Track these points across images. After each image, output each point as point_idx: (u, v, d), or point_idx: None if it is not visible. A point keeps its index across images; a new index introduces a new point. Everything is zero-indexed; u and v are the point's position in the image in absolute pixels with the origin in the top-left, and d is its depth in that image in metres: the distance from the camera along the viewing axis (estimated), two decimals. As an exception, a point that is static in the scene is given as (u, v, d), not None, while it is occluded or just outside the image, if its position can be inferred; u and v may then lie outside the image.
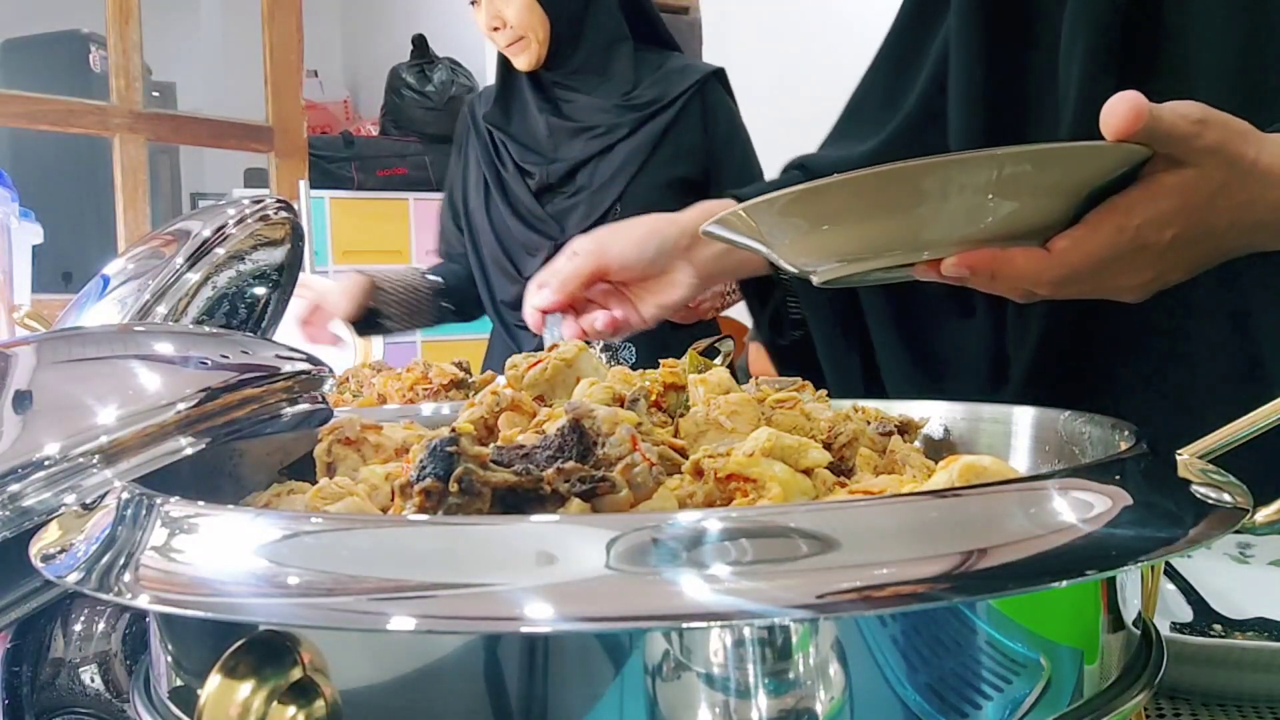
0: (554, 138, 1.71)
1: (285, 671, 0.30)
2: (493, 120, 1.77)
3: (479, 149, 1.79)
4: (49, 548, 0.37)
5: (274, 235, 0.67)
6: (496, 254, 1.73)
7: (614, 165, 1.66)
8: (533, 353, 0.59)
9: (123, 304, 0.62)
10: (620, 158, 1.66)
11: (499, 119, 1.77)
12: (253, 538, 0.31)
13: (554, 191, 1.70)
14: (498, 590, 0.28)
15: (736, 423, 0.50)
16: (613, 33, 1.71)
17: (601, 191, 1.66)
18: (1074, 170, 0.57)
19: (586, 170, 1.68)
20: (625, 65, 1.71)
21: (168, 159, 4.53)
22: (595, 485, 0.38)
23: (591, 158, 1.67)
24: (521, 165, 1.72)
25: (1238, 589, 0.69)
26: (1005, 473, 0.41)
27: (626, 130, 1.67)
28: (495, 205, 1.74)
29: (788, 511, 0.30)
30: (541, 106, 1.72)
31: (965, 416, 0.60)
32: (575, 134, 1.70)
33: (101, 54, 3.23)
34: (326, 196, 4.36)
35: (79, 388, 0.46)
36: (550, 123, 1.71)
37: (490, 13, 1.65)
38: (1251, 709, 0.57)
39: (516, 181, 1.72)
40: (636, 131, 1.66)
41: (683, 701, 0.30)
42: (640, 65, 1.71)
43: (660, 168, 1.66)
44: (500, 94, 1.78)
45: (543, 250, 1.65)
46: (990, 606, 0.33)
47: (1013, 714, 0.33)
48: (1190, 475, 0.38)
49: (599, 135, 1.68)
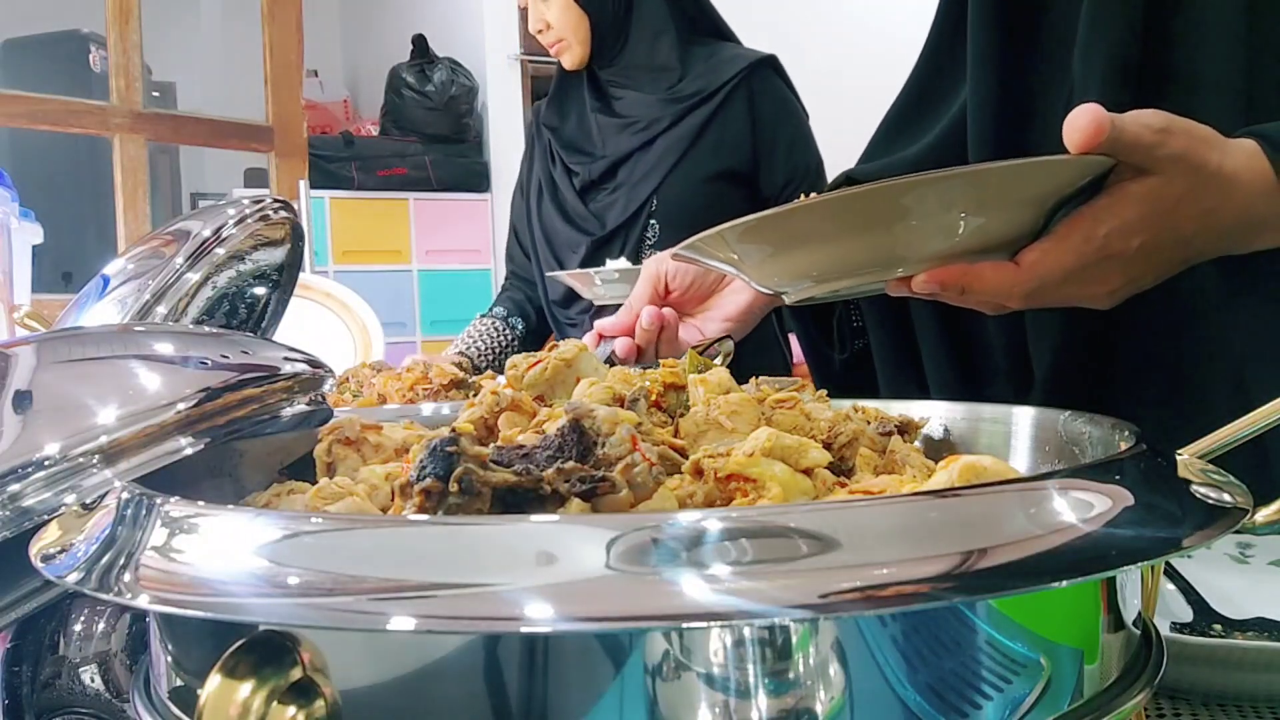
0: (602, 134, 1.70)
1: (285, 671, 0.30)
2: (548, 122, 1.77)
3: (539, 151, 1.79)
4: (49, 548, 0.37)
5: (274, 235, 0.67)
6: (546, 254, 1.73)
7: (652, 159, 1.64)
8: (532, 353, 0.59)
9: (123, 304, 0.62)
10: (659, 151, 1.63)
11: (554, 120, 1.76)
12: (253, 538, 0.31)
13: (596, 188, 1.69)
14: (498, 590, 0.28)
15: (736, 423, 0.50)
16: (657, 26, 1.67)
17: (638, 186, 1.64)
18: (1039, 183, 0.58)
19: (627, 165, 1.66)
20: (670, 57, 1.67)
21: (168, 159, 4.53)
22: (595, 485, 0.38)
23: (633, 152, 1.65)
24: (569, 164, 1.72)
25: (1238, 589, 0.69)
26: (1005, 473, 0.41)
27: (668, 122, 1.63)
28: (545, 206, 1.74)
29: (788, 511, 0.30)
30: (594, 105, 1.71)
31: (965, 416, 0.60)
32: (621, 129, 1.68)
33: (101, 54, 3.23)
34: (326, 196, 4.36)
35: (79, 388, 0.46)
36: (600, 120, 1.70)
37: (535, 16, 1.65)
38: (1251, 709, 0.57)
39: (564, 180, 1.72)
40: (678, 124, 1.63)
41: (683, 701, 0.30)
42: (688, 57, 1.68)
43: (701, 160, 1.62)
44: (555, 95, 1.78)
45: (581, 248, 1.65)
46: (990, 606, 0.33)
47: (1013, 714, 0.33)
48: (1190, 475, 0.38)
49: (641, 129, 1.65)
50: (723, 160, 1.63)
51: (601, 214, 1.67)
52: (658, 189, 1.61)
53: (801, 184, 1.64)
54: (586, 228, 1.67)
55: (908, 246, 0.59)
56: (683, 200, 1.61)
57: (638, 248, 1.63)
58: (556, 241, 1.72)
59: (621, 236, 1.63)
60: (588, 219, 1.67)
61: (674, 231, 1.59)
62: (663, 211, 1.61)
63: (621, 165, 1.66)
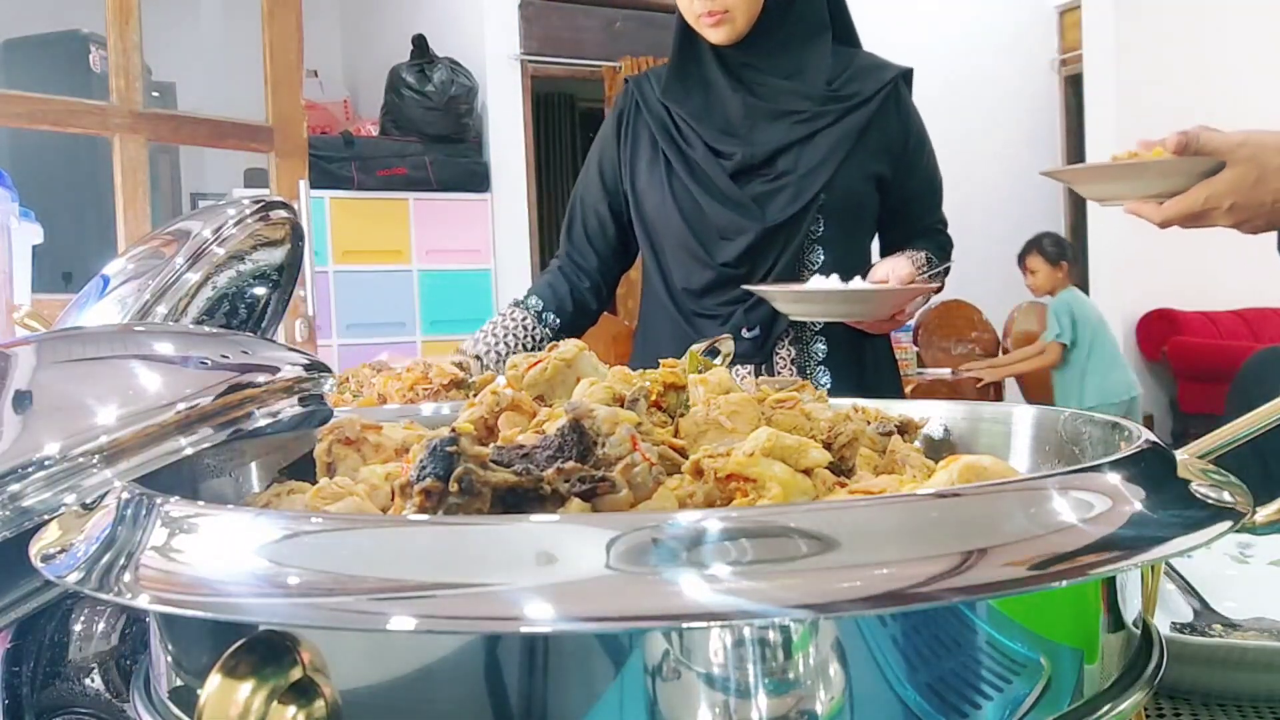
0: (750, 119, 1.62)
1: (285, 671, 0.30)
2: (672, 97, 1.67)
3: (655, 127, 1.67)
4: (49, 548, 0.37)
5: (274, 235, 0.67)
6: (685, 237, 1.62)
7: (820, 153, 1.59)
8: (532, 353, 0.59)
9: (123, 304, 0.62)
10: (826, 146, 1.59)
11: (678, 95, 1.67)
12: (253, 538, 0.31)
13: (751, 175, 1.61)
14: (498, 590, 0.28)
15: (736, 423, 0.50)
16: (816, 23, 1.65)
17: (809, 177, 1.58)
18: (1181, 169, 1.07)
19: (789, 155, 1.59)
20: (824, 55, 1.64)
21: (168, 159, 4.53)
22: (595, 485, 0.38)
23: (794, 143, 1.59)
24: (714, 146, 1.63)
25: (1238, 589, 0.69)
26: (1005, 473, 0.41)
27: (831, 119, 1.60)
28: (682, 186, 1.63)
29: (788, 511, 0.30)
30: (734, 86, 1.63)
31: (965, 416, 0.60)
32: (776, 117, 1.61)
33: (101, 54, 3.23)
34: (326, 196, 4.36)
35: (79, 388, 0.46)
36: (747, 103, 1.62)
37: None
38: (1251, 709, 0.57)
39: (709, 162, 1.62)
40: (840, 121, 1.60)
41: (683, 701, 0.30)
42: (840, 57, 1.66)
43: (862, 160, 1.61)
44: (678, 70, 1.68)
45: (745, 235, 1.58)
46: (990, 606, 0.33)
47: (1013, 714, 0.33)
48: (1190, 475, 0.38)
49: (803, 120, 1.60)
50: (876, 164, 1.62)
51: (762, 201, 1.59)
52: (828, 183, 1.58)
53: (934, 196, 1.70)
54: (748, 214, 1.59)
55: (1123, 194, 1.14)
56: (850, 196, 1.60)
57: (803, 242, 1.60)
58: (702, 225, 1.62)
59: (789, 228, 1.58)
60: (746, 205, 1.59)
61: (837, 227, 1.59)
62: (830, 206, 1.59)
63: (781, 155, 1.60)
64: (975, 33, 5.85)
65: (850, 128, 1.60)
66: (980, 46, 5.84)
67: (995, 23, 5.95)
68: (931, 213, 1.70)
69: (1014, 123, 6.00)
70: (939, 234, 1.71)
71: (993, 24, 5.94)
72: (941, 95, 4.52)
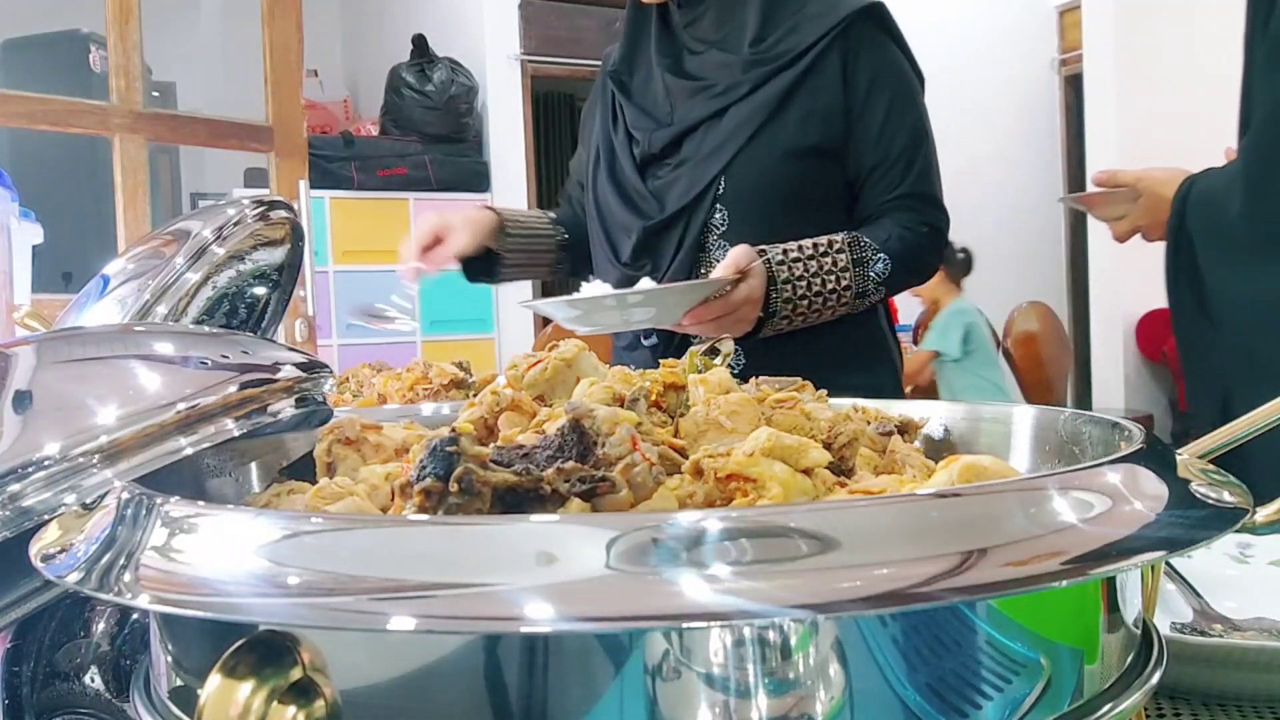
0: (671, 96, 1.40)
1: (285, 671, 0.30)
2: (616, 73, 1.48)
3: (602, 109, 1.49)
4: (49, 548, 0.37)
5: (274, 235, 0.67)
6: (599, 234, 1.47)
7: (723, 132, 1.35)
8: (532, 353, 0.59)
9: (123, 304, 0.62)
10: (732, 122, 1.35)
11: (623, 72, 1.47)
12: (253, 538, 0.31)
13: (658, 162, 1.40)
14: (498, 590, 0.28)
15: (736, 423, 0.50)
16: None
17: (704, 163, 1.35)
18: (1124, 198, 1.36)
19: (695, 138, 1.37)
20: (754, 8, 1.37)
21: (168, 159, 4.53)
22: (595, 485, 0.38)
23: (702, 122, 1.37)
24: (631, 131, 1.43)
25: (1238, 589, 0.69)
26: (1005, 473, 0.41)
27: (747, 88, 1.34)
28: (601, 179, 1.46)
29: (788, 511, 0.30)
30: (661, 60, 1.42)
31: (965, 416, 0.60)
32: (693, 93, 1.39)
33: (101, 54, 3.23)
34: (326, 196, 4.36)
35: (79, 388, 0.46)
36: (667, 80, 1.41)
37: None
38: (1251, 709, 0.57)
39: (624, 151, 1.43)
40: (757, 90, 1.34)
41: (683, 701, 0.30)
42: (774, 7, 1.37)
43: (781, 134, 1.33)
44: (628, 39, 1.48)
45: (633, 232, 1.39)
46: (990, 606, 0.33)
47: (1013, 714, 0.33)
48: (1190, 475, 0.38)
49: (716, 95, 1.36)
50: (809, 135, 1.33)
51: (661, 194, 1.39)
52: (727, 167, 1.33)
53: (895, 166, 1.36)
54: (644, 209, 1.39)
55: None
56: (756, 182, 1.34)
57: (701, 237, 1.35)
58: (610, 221, 1.44)
59: (682, 222, 1.35)
60: (646, 199, 1.39)
61: (746, 219, 1.34)
62: (732, 195, 1.34)
63: (688, 137, 1.37)
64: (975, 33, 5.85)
65: (766, 98, 1.34)
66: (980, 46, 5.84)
67: (995, 23, 5.95)
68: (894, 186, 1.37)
69: (1013, 122, 6.00)
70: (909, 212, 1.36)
71: (993, 24, 5.94)
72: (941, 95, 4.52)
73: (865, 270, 1.31)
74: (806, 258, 1.28)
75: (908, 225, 1.35)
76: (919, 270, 1.40)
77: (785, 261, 1.27)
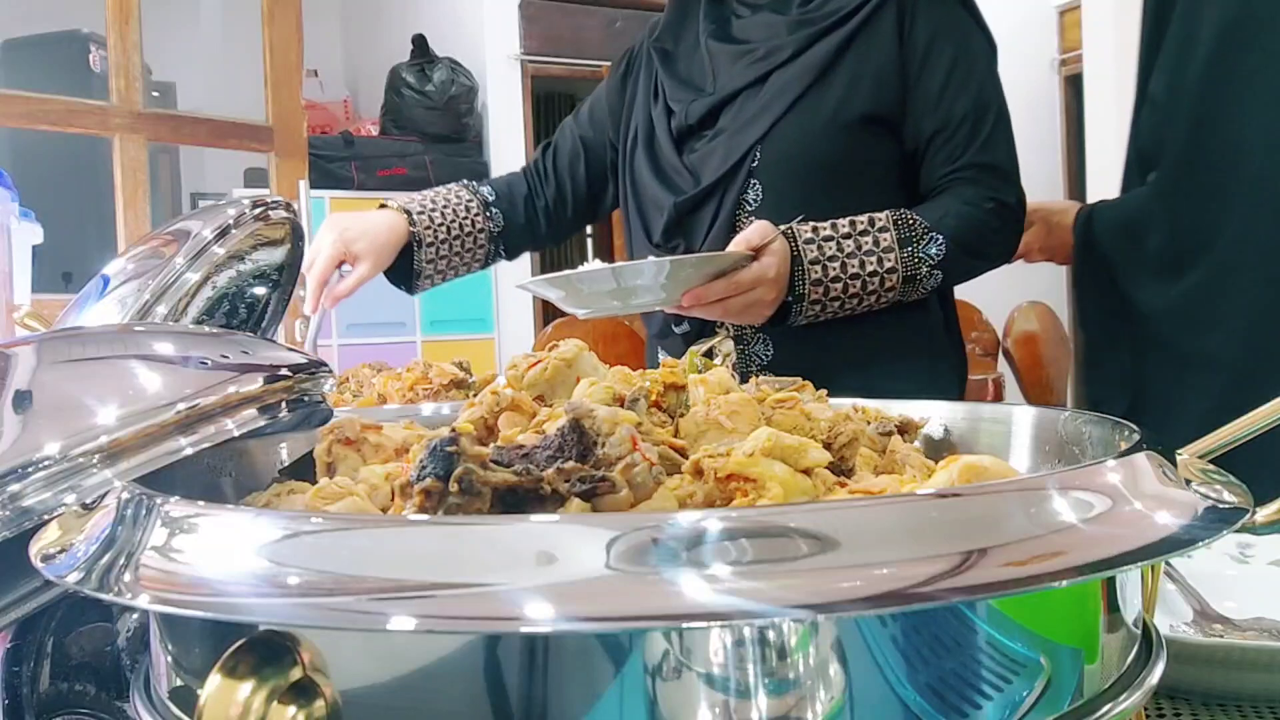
0: (714, 64, 1.29)
1: (285, 671, 0.30)
2: (659, 41, 1.37)
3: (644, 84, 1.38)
4: (49, 548, 0.37)
5: (274, 235, 0.67)
6: (634, 213, 1.35)
7: (762, 100, 1.23)
8: (532, 354, 0.59)
9: (123, 304, 0.62)
10: (772, 90, 1.22)
11: (666, 40, 1.37)
12: (253, 538, 0.31)
13: (696, 135, 1.29)
14: (498, 590, 0.28)
15: (736, 423, 0.50)
16: None
17: (740, 134, 1.23)
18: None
19: (733, 107, 1.25)
20: None
21: (168, 159, 4.53)
22: (595, 485, 0.38)
23: (742, 90, 1.25)
24: (670, 103, 1.32)
25: (1238, 589, 0.69)
26: (1005, 473, 0.41)
27: (789, 52, 1.22)
28: (638, 155, 1.34)
29: (788, 511, 0.30)
30: (707, 25, 1.31)
31: (965, 416, 0.60)
32: (735, 59, 1.27)
33: (101, 54, 3.23)
34: (326, 196, 4.35)
35: (79, 388, 0.46)
36: (713, 47, 1.30)
37: None
38: (1251, 709, 0.57)
39: (662, 124, 1.32)
40: (801, 54, 1.22)
41: (683, 701, 0.30)
42: None
43: (824, 101, 1.20)
44: (674, 7, 1.37)
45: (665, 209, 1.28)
46: (990, 606, 0.33)
47: (1013, 714, 0.33)
48: (1190, 475, 0.38)
49: (758, 60, 1.24)
50: (858, 102, 1.20)
51: (696, 168, 1.27)
52: (763, 138, 1.21)
53: (957, 134, 1.22)
54: (678, 184, 1.28)
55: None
56: (795, 154, 1.21)
57: (734, 214, 1.23)
58: (643, 198, 1.33)
59: (715, 198, 1.24)
60: (680, 173, 1.28)
61: (781, 195, 1.21)
62: (768, 168, 1.21)
63: (727, 106, 1.26)
64: (975, 33, 5.85)
65: (810, 62, 1.21)
66: (980, 46, 5.84)
67: (995, 22, 5.93)
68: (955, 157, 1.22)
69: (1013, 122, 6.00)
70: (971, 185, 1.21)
71: (992, 24, 5.93)
72: (941, 95, 4.51)
73: (915, 251, 1.17)
74: (841, 236, 1.15)
75: (969, 200, 1.20)
76: (984, 253, 1.24)
77: (815, 240, 1.14)
